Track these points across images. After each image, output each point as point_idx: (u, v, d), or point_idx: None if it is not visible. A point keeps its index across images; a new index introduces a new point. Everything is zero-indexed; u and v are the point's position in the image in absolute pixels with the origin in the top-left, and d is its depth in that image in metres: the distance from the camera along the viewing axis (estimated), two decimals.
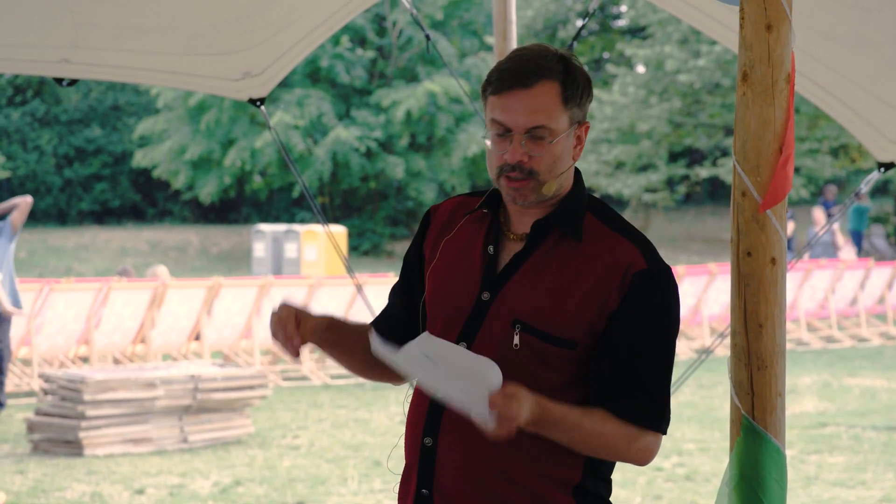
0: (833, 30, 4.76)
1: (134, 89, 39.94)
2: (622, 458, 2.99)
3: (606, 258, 2.98)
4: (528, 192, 2.99)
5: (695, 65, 32.03)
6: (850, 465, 10.38)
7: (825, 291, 19.60)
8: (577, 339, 2.95)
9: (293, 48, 5.63)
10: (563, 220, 3.01)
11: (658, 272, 2.98)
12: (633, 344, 2.95)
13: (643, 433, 2.97)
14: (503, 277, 3.02)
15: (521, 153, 2.96)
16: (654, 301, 2.97)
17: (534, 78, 2.95)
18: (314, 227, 27.54)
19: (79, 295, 14.42)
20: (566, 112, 2.99)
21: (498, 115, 2.97)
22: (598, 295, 2.95)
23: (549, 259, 3.00)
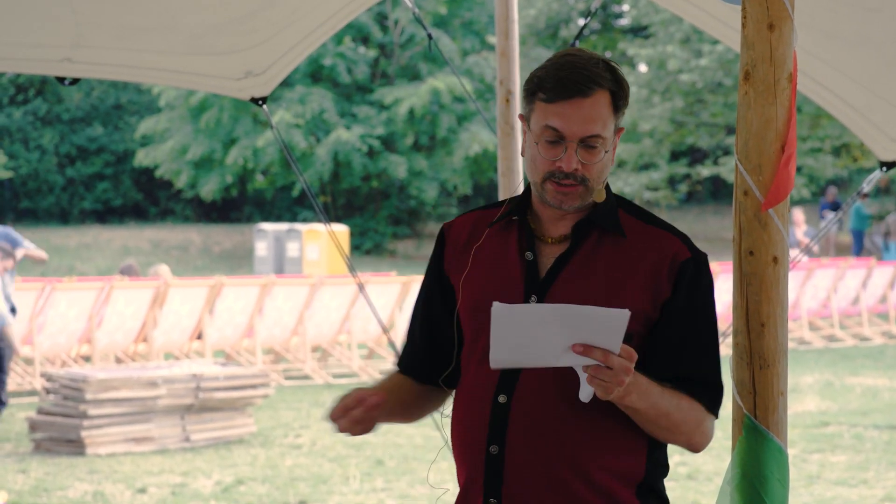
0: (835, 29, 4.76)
1: (136, 88, 39.95)
2: (688, 439, 3.02)
3: (653, 250, 3.02)
4: (576, 198, 3.02)
5: (697, 64, 32.03)
6: (851, 464, 10.38)
7: (827, 290, 19.59)
8: (632, 330, 2.93)
9: (295, 47, 5.62)
10: (603, 219, 3.05)
11: (702, 259, 3.04)
12: (688, 329, 3.00)
13: (708, 415, 3.02)
14: (548, 280, 3.03)
15: (576, 161, 2.99)
16: (701, 287, 3.03)
17: (592, 87, 2.98)
18: (316, 227, 27.54)
19: (81, 294, 14.42)
20: (615, 120, 3.02)
21: (554, 121, 2.98)
22: (650, 285, 3.00)
23: (594, 257, 3.03)
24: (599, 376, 2.81)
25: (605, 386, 2.81)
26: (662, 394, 2.94)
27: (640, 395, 2.89)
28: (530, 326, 2.83)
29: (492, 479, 3.02)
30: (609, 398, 2.85)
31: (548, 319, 2.82)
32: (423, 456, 10.75)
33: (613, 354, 2.80)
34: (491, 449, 3.01)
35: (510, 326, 2.85)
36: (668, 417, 2.95)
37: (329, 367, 16.25)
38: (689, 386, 2.98)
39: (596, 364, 2.80)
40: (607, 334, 2.80)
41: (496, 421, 3.01)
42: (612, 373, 2.80)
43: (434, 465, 10.30)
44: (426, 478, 9.91)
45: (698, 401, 2.99)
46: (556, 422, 2.97)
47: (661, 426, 2.97)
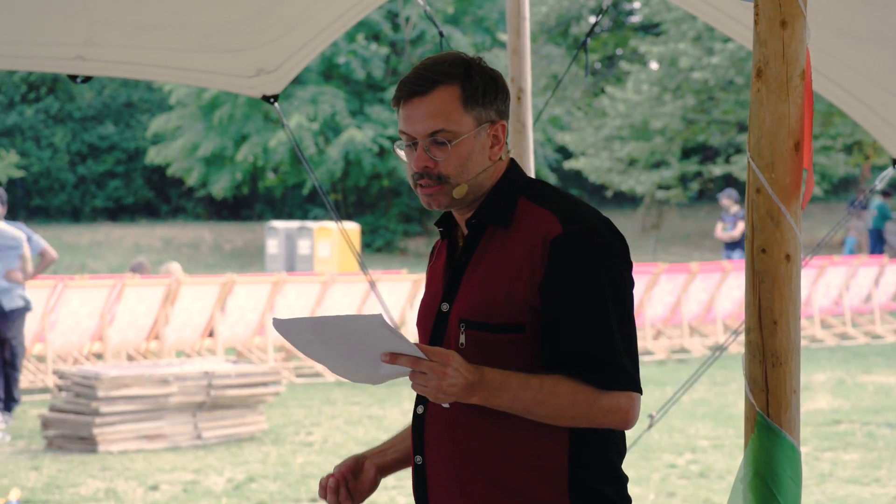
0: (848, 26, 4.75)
1: (147, 86, 40.00)
2: (593, 421, 2.92)
3: (528, 233, 2.96)
4: (441, 197, 3.01)
5: (708, 62, 31.99)
6: (864, 462, 10.36)
7: (839, 288, 19.56)
8: (521, 320, 2.92)
9: (307, 45, 5.63)
10: (489, 212, 3.02)
11: (577, 233, 2.94)
12: (564, 309, 2.91)
13: (603, 393, 2.90)
14: (454, 284, 3.04)
15: (426, 159, 2.98)
16: (575, 263, 2.92)
17: (429, 84, 2.97)
18: (327, 224, 27.56)
19: (93, 292, 14.45)
20: (468, 113, 2.98)
21: (402, 125, 3.02)
22: (524, 271, 2.94)
23: (484, 253, 3.01)
24: (417, 381, 2.78)
25: (425, 391, 2.78)
26: (527, 384, 2.86)
27: (491, 391, 2.84)
28: (316, 339, 2.84)
29: (419, 488, 3.06)
30: (447, 401, 2.82)
31: (321, 331, 2.82)
32: None
33: (420, 359, 2.76)
34: (416, 459, 3.04)
35: (301, 339, 2.87)
36: (543, 406, 2.87)
37: None
38: (573, 368, 2.89)
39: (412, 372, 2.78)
40: (388, 339, 2.76)
41: (416, 432, 3.04)
42: (426, 377, 2.77)
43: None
44: None
45: (584, 381, 2.89)
46: (465, 429, 2.96)
47: (540, 415, 2.89)
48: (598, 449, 2.98)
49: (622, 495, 3.03)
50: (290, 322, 2.84)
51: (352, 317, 2.78)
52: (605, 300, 2.93)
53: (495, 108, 3.02)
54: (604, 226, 2.98)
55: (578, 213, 2.96)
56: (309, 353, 2.90)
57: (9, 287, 12.00)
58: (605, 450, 2.99)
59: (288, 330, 2.86)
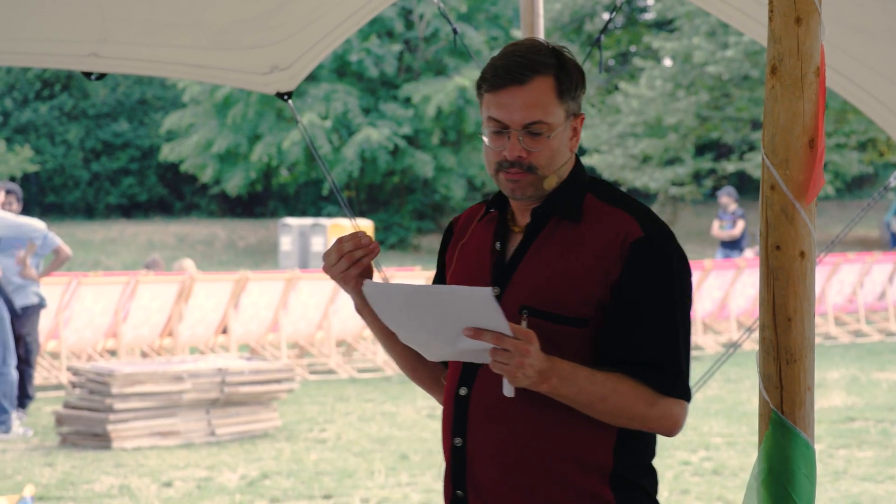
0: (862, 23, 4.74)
1: (161, 83, 40.05)
2: (645, 424, 2.96)
3: (604, 232, 2.98)
4: (527, 186, 3.00)
5: (723, 56, 31.92)
6: (878, 459, 10.34)
7: (853, 285, 19.53)
8: (587, 315, 2.94)
9: (321, 41, 5.63)
10: (559, 204, 3.03)
11: (656, 238, 2.97)
12: (637, 312, 2.94)
13: (661, 398, 2.94)
14: (510, 269, 3.03)
15: (520, 149, 2.97)
16: (653, 267, 2.95)
17: (528, 73, 2.96)
18: (341, 221, 27.60)
19: (106, 288, 14.48)
20: (561, 105, 2.99)
21: (494, 112, 2.98)
22: (600, 268, 2.95)
23: (549, 243, 3.01)
24: (497, 359, 2.79)
25: (505, 369, 2.78)
26: (593, 378, 2.89)
27: (561, 380, 2.85)
28: (405, 308, 2.84)
29: (457, 471, 3.04)
30: (521, 384, 2.82)
31: (416, 300, 2.82)
32: None
33: (506, 336, 2.77)
34: (455, 441, 3.03)
35: (388, 307, 2.87)
36: (605, 402, 2.90)
37: (354, 361, 16.27)
38: (637, 369, 2.92)
39: (492, 348, 2.78)
40: (486, 315, 2.77)
41: (458, 414, 3.03)
42: (509, 355, 2.77)
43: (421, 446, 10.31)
44: None
45: (646, 384, 2.92)
46: (513, 413, 2.96)
47: (599, 411, 2.91)
48: (641, 445, 3.03)
49: (654, 488, 3.08)
50: (384, 286, 2.86)
51: (458, 288, 2.80)
52: (675, 307, 2.97)
53: (579, 100, 3.04)
54: (673, 233, 3.04)
55: (654, 218, 3.01)
56: (387, 320, 2.91)
57: (23, 284, 12.03)
58: (647, 445, 3.05)
59: (378, 293, 2.86)
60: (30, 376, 12.33)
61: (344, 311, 15.84)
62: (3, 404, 11.61)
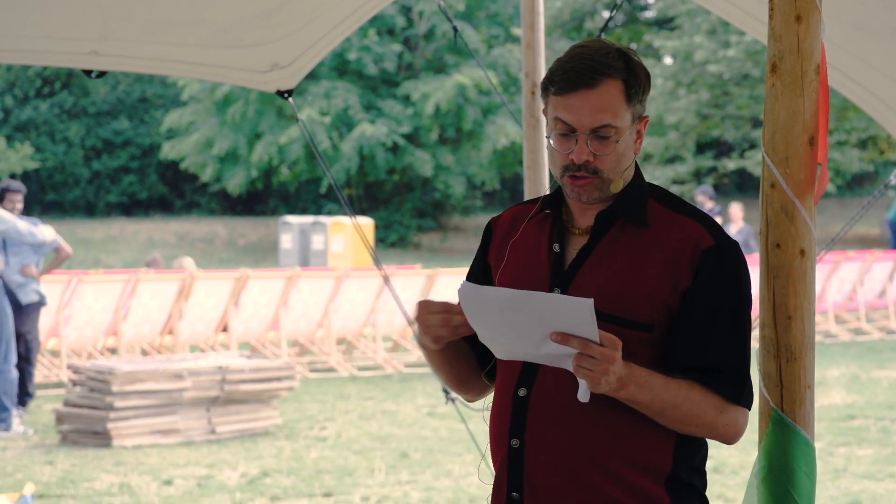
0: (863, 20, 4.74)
1: (161, 81, 40.03)
2: (712, 432, 2.96)
3: (674, 238, 2.98)
4: (593, 190, 2.99)
5: (724, 55, 31.91)
6: (878, 457, 10.35)
7: (853, 283, 19.52)
8: (654, 320, 2.94)
9: (321, 39, 5.63)
10: (625, 208, 3.02)
11: (726, 247, 2.98)
12: (709, 319, 2.95)
13: (729, 405, 2.95)
14: (571, 271, 3.02)
15: (587, 153, 2.96)
16: (725, 275, 2.97)
17: (598, 77, 2.95)
18: (341, 219, 27.58)
19: (107, 286, 14.48)
20: (629, 109, 2.98)
21: (563, 114, 2.97)
22: (670, 274, 2.96)
23: (615, 247, 3.01)
24: (583, 365, 2.79)
25: (590, 376, 2.79)
26: (667, 385, 2.89)
27: (638, 387, 2.86)
28: (499, 311, 2.83)
29: (514, 472, 3.02)
30: (602, 391, 2.82)
31: (513, 305, 2.82)
32: (447, 448, 10.76)
33: (593, 343, 2.77)
34: (512, 442, 3.01)
35: (480, 309, 2.87)
36: (678, 409, 2.91)
37: (354, 359, 16.27)
38: (706, 376, 2.93)
39: (578, 353, 2.79)
40: (579, 324, 2.77)
41: (516, 414, 3.01)
42: (595, 361, 2.77)
43: (458, 459, 10.31)
44: (451, 471, 9.92)
45: (716, 391, 2.93)
46: (574, 415, 2.95)
47: (671, 418, 2.92)
48: (698, 448, 3.04)
49: (705, 489, 3.09)
50: (483, 290, 2.86)
51: (558, 297, 2.81)
52: (744, 316, 2.99)
53: (644, 103, 3.03)
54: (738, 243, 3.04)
55: (720, 227, 3.02)
56: (475, 321, 2.90)
57: (23, 282, 12.03)
58: (702, 448, 3.06)
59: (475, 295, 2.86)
60: (30, 374, 12.33)
61: (344, 309, 15.85)
62: (4, 402, 11.61)
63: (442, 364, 3.17)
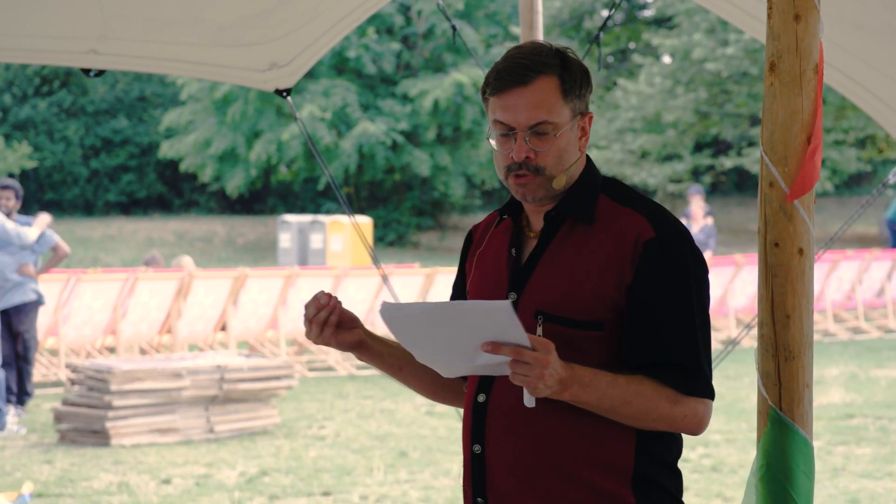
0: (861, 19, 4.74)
1: (160, 80, 40.02)
2: (671, 424, 2.94)
3: (617, 233, 2.97)
4: (537, 188, 2.99)
5: (723, 53, 31.91)
6: (877, 456, 10.35)
7: (852, 282, 19.53)
8: (602, 318, 2.94)
9: (320, 38, 5.63)
10: (571, 207, 3.01)
11: (669, 238, 2.96)
12: (654, 312, 2.92)
13: (684, 397, 2.93)
14: (525, 275, 3.02)
15: (527, 150, 2.96)
16: (667, 268, 2.94)
17: (531, 74, 2.96)
18: (340, 218, 27.58)
19: (105, 285, 14.47)
20: (567, 105, 2.99)
21: (499, 115, 2.98)
22: (613, 270, 2.94)
23: (563, 247, 3.01)
24: (518, 371, 2.77)
25: (526, 381, 2.77)
26: (615, 383, 2.88)
27: (582, 387, 2.85)
28: (423, 326, 2.82)
29: (477, 478, 3.03)
30: (543, 395, 2.80)
31: (435, 318, 2.81)
32: (446, 447, 10.77)
33: (524, 349, 2.76)
34: (474, 448, 3.02)
35: (405, 327, 2.86)
36: (629, 406, 2.89)
37: (353, 358, 16.26)
38: (656, 370, 2.91)
39: (511, 360, 2.77)
40: (505, 328, 2.75)
41: (476, 420, 3.02)
42: (529, 367, 2.76)
43: (457, 458, 10.31)
44: (449, 469, 9.92)
45: (668, 384, 2.91)
46: (532, 419, 2.94)
47: (624, 415, 2.91)
48: (662, 445, 3.01)
49: (679, 490, 3.06)
50: (402, 307, 2.84)
51: (477, 303, 2.79)
52: (692, 306, 2.96)
53: (586, 99, 3.04)
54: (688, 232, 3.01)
55: (667, 217, 2.99)
56: (404, 340, 2.89)
57: (21, 281, 12.03)
58: (668, 446, 3.02)
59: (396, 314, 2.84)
60: (28, 373, 12.33)
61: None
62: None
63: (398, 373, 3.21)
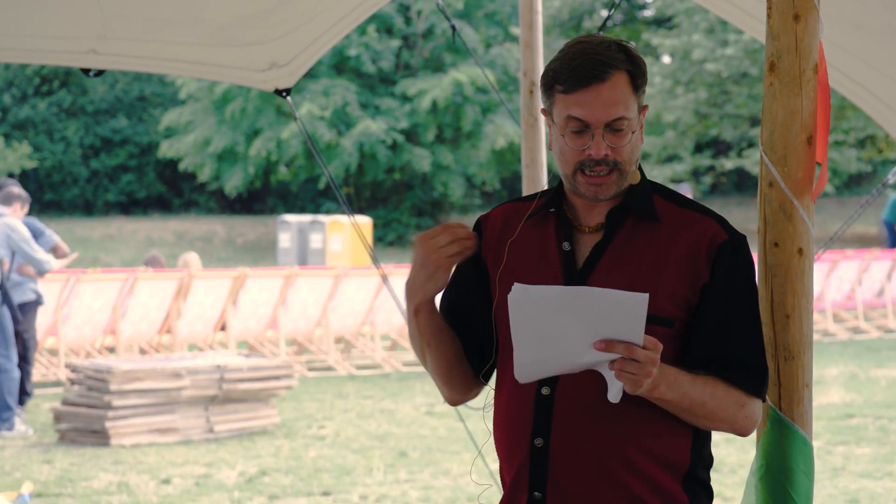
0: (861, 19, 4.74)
1: (160, 80, 40.00)
2: (731, 426, 2.96)
3: (689, 234, 2.98)
4: (612, 185, 2.99)
5: (722, 53, 31.91)
6: (876, 456, 10.35)
7: (852, 282, 19.52)
8: (674, 316, 2.94)
9: (319, 38, 5.63)
10: (636, 204, 3.01)
11: (740, 241, 2.98)
12: (728, 313, 2.94)
13: (749, 399, 2.94)
14: (586, 270, 3.00)
15: (605, 147, 2.96)
16: (740, 270, 2.96)
17: (608, 70, 2.95)
18: (339, 218, 27.56)
19: (105, 285, 14.46)
20: (636, 100, 3.00)
21: (575, 111, 2.96)
22: (688, 269, 2.95)
23: (630, 244, 3.00)
24: (626, 370, 2.77)
25: (633, 380, 2.78)
26: (694, 383, 2.89)
27: (668, 386, 2.85)
28: (551, 313, 2.78)
29: (537, 471, 3.00)
30: (638, 392, 2.81)
31: (567, 303, 2.77)
32: (446, 447, 10.76)
33: (638, 347, 2.76)
34: (536, 442, 2.99)
35: (530, 313, 2.80)
36: (703, 406, 2.91)
37: (352, 358, 16.26)
38: (728, 371, 2.93)
39: (621, 358, 2.76)
40: (628, 321, 2.74)
41: (540, 413, 2.99)
42: (639, 365, 2.76)
43: (457, 457, 10.30)
44: (449, 469, 9.92)
45: (737, 386, 2.93)
46: (599, 412, 2.94)
47: (696, 415, 2.93)
48: (708, 445, 3.05)
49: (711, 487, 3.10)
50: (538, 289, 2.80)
51: (614, 292, 2.76)
52: (757, 308, 2.98)
53: (645, 93, 3.05)
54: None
55: (729, 223, 3.02)
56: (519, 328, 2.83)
57: (20, 281, 12.03)
58: (709, 443, 3.06)
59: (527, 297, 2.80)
60: (28, 373, 12.32)
61: (342, 307, 15.84)
62: (7, 401, 11.58)
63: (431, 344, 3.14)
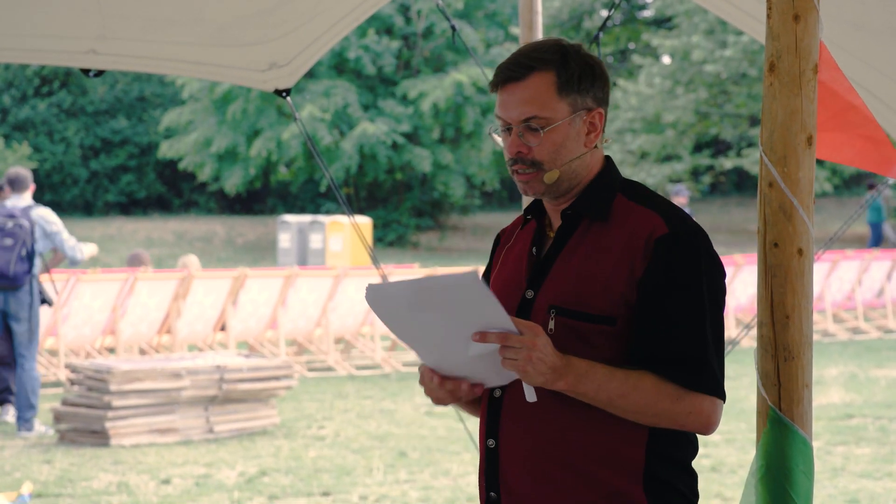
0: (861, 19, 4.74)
1: (160, 80, 40.03)
2: (675, 421, 2.93)
3: (629, 229, 2.98)
4: (535, 183, 3.02)
5: (721, 55, 31.93)
6: (876, 456, 10.35)
7: (852, 283, 19.53)
8: (614, 313, 2.94)
9: (319, 38, 5.63)
10: (587, 205, 3.03)
11: (683, 235, 2.96)
12: (665, 308, 2.93)
13: (688, 393, 2.92)
14: (543, 272, 3.04)
15: (519, 144, 3.00)
16: (679, 263, 2.94)
17: (525, 70, 3.00)
18: (339, 218, 27.58)
19: (105, 285, 14.47)
20: (564, 100, 3.00)
21: (498, 110, 3.04)
22: (625, 265, 2.95)
23: (579, 244, 3.02)
24: (507, 356, 2.81)
25: (515, 365, 2.81)
26: (612, 375, 2.89)
27: (578, 377, 2.86)
28: (407, 308, 2.83)
29: (490, 472, 3.05)
30: (537, 382, 2.83)
31: (414, 295, 2.82)
32: (446, 447, 10.77)
33: (511, 333, 2.80)
34: (489, 442, 3.04)
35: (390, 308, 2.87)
36: (626, 399, 2.89)
37: (352, 358, 16.27)
38: (661, 365, 2.91)
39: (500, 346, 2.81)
40: (484, 306, 2.78)
41: (492, 415, 3.04)
42: (517, 350, 2.80)
43: (457, 457, 10.31)
44: (449, 469, 9.92)
45: (671, 380, 2.91)
46: (546, 414, 2.96)
47: (621, 408, 2.91)
48: (674, 444, 3.00)
49: (693, 491, 3.05)
50: (383, 288, 2.84)
51: (445, 275, 2.80)
52: (703, 303, 2.95)
53: (592, 94, 3.03)
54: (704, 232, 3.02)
55: (682, 216, 3.00)
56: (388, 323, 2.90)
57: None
58: (680, 445, 3.01)
59: (378, 296, 2.85)
60: None
61: (342, 308, 15.85)
62: (32, 400, 11.48)
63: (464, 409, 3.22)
